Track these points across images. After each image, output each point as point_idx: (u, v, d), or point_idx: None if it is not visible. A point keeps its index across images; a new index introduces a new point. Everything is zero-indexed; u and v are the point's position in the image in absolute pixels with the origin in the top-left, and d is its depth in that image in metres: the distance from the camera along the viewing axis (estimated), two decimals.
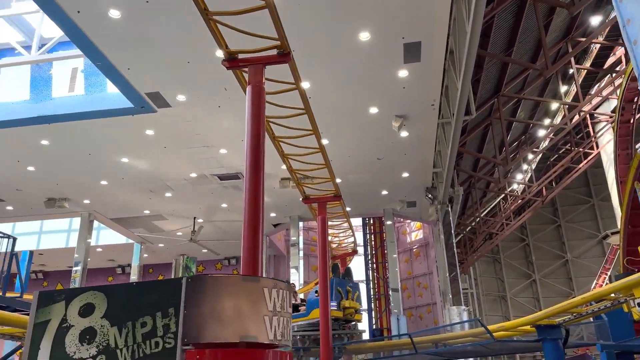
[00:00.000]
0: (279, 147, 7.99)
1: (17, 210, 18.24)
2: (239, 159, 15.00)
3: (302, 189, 10.09)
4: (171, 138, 13.73)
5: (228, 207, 19.00)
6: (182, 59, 10.46)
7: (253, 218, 4.53)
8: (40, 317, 2.67)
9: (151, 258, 25.20)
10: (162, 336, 2.60)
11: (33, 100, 12.90)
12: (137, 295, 2.72)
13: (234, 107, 12.11)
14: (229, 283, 2.72)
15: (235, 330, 2.64)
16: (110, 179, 16.07)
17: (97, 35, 9.69)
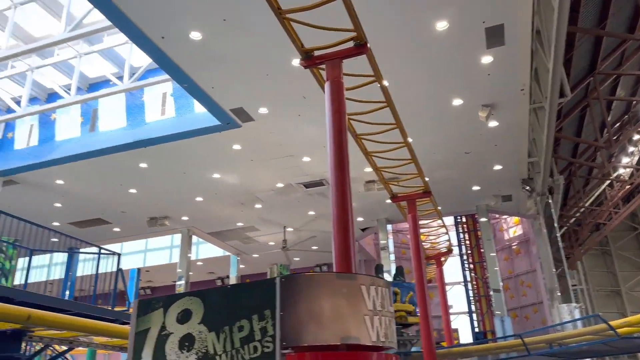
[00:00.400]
0: (361, 145, 7.80)
1: (124, 231, 19.67)
2: (322, 166, 15.04)
3: (389, 188, 9.80)
4: (257, 151, 14.08)
5: (315, 214, 19.12)
6: (260, 72, 10.68)
7: (342, 216, 4.38)
8: (141, 325, 2.69)
9: (247, 269, 26.03)
10: (260, 340, 2.50)
11: (130, 126, 13.85)
12: (232, 298, 2.66)
13: (313, 114, 12.16)
14: (324, 281, 2.57)
15: (336, 331, 2.48)
16: (205, 194, 16.80)
17: (181, 58, 10.16)
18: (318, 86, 10.89)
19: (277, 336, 2.47)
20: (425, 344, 8.87)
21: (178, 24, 9.15)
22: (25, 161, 14.49)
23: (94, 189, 15.95)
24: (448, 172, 15.58)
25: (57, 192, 16.08)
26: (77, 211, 17.54)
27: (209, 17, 8.99)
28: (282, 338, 2.46)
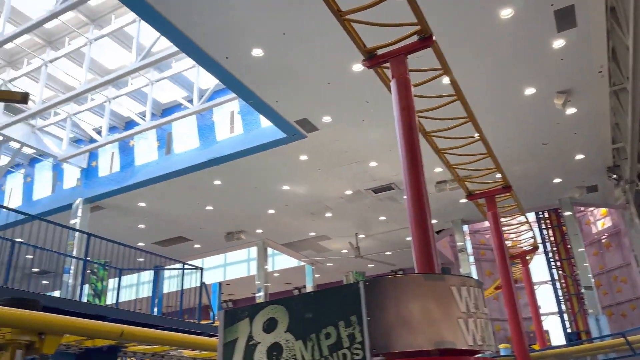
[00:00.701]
0: (432, 143, 7.56)
1: (203, 247, 20.44)
2: (390, 170, 14.83)
3: (464, 186, 9.41)
4: (323, 159, 14.13)
5: (386, 219, 18.86)
6: (322, 81, 10.73)
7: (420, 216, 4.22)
8: (228, 336, 2.70)
9: (323, 278, 26.14)
10: (348, 347, 2.42)
11: (202, 146, 14.41)
12: (315, 305, 2.60)
13: (377, 118, 12.03)
14: (411, 283, 2.45)
15: (428, 336, 2.34)
16: (276, 207, 17.09)
17: (245, 76, 10.44)
18: (380, 89, 10.75)
19: (366, 343, 2.37)
20: (518, 347, 8.38)
21: (240, 43, 9.41)
22: (109, 187, 15.48)
23: (173, 208, 16.72)
24: (526, 166, 14.80)
25: (140, 214, 17.02)
26: (160, 231, 18.46)
27: (268, 32, 9.18)
28: (372, 345, 2.36)
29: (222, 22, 8.86)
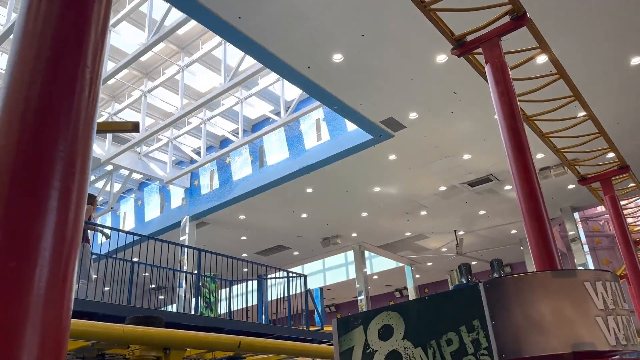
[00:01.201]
0: (535, 127, 7.05)
1: (302, 254, 20.88)
2: (486, 161, 14.14)
3: (575, 170, 8.68)
4: (413, 157, 13.83)
5: (487, 213, 18.00)
6: (405, 78, 10.52)
7: (533, 206, 3.92)
8: (344, 345, 2.67)
9: (423, 278, 25.56)
10: (473, 354, 2.28)
11: (292, 156, 14.76)
12: (432, 310, 2.49)
13: (467, 108, 11.55)
14: (537, 282, 2.25)
15: (563, 338, 2.13)
16: (369, 209, 17.02)
17: (328, 83, 10.53)
18: (467, 78, 10.34)
19: (493, 348, 2.21)
20: None
21: (320, 51, 9.52)
22: (211, 203, 16.37)
23: (270, 219, 17.28)
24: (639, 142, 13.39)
25: (241, 227, 17.79)
26: (260, 241, 19.16)
27: (346, 36, 9.18)
28: (500, 350, 2.19)
29: (301, 34, 9.01)
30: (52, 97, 1.45)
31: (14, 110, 1.42)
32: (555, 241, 3.82)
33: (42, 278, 1.26)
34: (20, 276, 1.25)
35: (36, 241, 1.29)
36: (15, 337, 1.19)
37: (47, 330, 1.24)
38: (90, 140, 1.50)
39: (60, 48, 1.50)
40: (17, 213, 1.31)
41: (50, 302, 1.27)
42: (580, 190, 15.50)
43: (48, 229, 1.31)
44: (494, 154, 13.69)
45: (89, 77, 1.51)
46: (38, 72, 1.46)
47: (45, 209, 1.32)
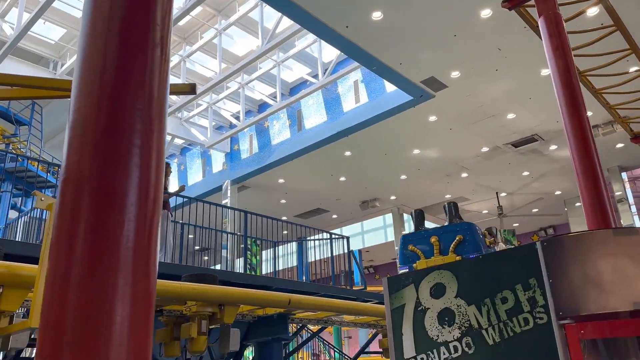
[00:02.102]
0: (588, 83, 6.73)
1: (340, 217, 21.06)
2: (531, 120, 13.68)
3: (627, 127, 8.29)
4: (454, 118, 13.53)
5: (530, 174, 17.55)
6: (447, 35, 10.18)
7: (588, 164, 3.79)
8: (395, 302, 2.72)
9: None
10: (529, 311, 2.28)
11: (330, 119, 14.69)
12: (486, 268, 2.49)
13: (512, 65, 11.13)
14: (598, 240, 2.20)
15: (624, 296, 2.10)
16: (408, 172, 16.88)
17: (366, 42, 10.31)
18: (512, 34, 9.95)
19: (550, 306, 2.21)
20: None
21: (358, 9, 9.28)
22: (251, 167, 16.61)
23: (309, 182, 17.42)
24: None
25: (280, 190, 18.04)
26: (299, 204, 19.41)
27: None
28: (557, 308, 2.18)
29: None
30: (127, 57, 1.49)
31: (92, 73, 1.47)
32: (609, 198, 3.70)
33: (130, 233, 1.33)
34: (110, 231, 1.33)
35: (122, 198, 1.35)
36: (109, 288, 1.28)
37: (137, 282, 1.32)
38: (165, 100, 1.54)
39: (132, 8, 1.53)
40: (102, 173, 1.37)
41: (138, 256, 1.34)
42: (628, 149, 14.85)
43: (132, 187, 1.37)
44: (539, 113, 13.24)
45: (159, 36, 1.54)
46: (112, 34, 1.50)
47: (129, 167, 1.38)
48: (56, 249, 1.35)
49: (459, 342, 2.43)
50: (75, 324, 1.25)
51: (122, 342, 1.23)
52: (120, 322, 1.25)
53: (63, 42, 15.24)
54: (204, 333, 3.69)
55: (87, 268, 1.29)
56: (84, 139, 1.43)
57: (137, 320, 1.28)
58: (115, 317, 1.25)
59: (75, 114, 1.48)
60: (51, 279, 1.32)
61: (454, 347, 2.44)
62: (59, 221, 1.37)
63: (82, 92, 1.48)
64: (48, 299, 1.31)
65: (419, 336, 2.57)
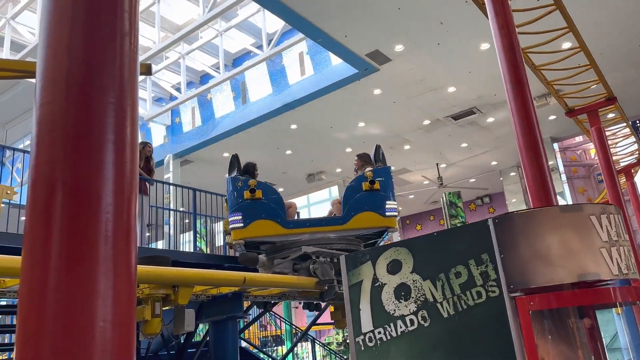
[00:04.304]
0: (528, 60, 7.00)
1: (287, 190, 21.03)
2: (470, 93, 14.11)
3: (563, 102, 8.75)
4: (398, 91, 13.71)
5: (468, 145, 18.23)
6: (392, 8, 10.20)
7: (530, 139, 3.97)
8: (352, 279, 2.77)
9: (405, 210, 26.15)
10: (482, 285, 2.39)
11: (275, 92, 14.48)
12: (440, 245, 2.58)
13: (453, 39, 11.35)
14: (546, 217, 2.33)
15: (570, 269, 2.24)
16: (353, 145, 17.02)
17: (311, 13, 10.15)
18: (454, 9, 10.12)
19: (502, 280, 2.32)
20: None
21: None
22: (194, 141, 16.15)
23: (255, 156, 17.08)
24: (624, 73, 13.45)
25: (225, 164, 17.66)
26: None
27: None
28: (508, 281, 2.30)
29: None
30: (95, 48, 1.38)
31: (58, 65, 1.34)
32: (550, 174, 3.91)
33: (109, 229, 1.25)
34: (88, 229, 1.24)
35: (98, 199, 1.27)
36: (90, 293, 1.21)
37: (118, 275, 1.25)
38: (136, 91, 1.44)
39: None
40: (76, 172, 1.28)
41: (118, 258, 1.27)
42: (559, 121, 15.71)
43: (108, 185, 1.29)
44: (478, 86, 13.67)
45: (128, 23, 1.42)
46: (77, 23, 1.37)
47: (103, 165, 1.30)
48: (30, 259, 1.26)
49: (415, 316, 2.52)
50: (56, 333, 1.18)
51: (105, 347, 1.17)
52: (103, 327, 1.19)
53: None
54: (157, 315, 3.61)
55: (65, 275, 1.21)
56: (53, 136, 1.32)
57: (120, 323, 1.23)
58: (97, 322, 1.18)
59: (41, 109, 1.36)
60: (26, 290, 1.23)
61: (410, 321, 2.53)
62: (31, 227, 1.28)
63: (48, 85, 1.36)
64: (24, 309, 1.23)
65: (377, 311, 2.65)
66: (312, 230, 6.87)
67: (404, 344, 2.48)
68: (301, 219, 7.48)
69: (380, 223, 6.98)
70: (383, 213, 6.97)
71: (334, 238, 6.79)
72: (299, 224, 7.07)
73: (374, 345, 2.56)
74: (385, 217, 6.96)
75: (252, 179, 7.58)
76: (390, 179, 7.55)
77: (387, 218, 6.99)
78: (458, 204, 19.98)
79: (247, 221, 6.91)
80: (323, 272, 5.93)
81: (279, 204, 7.16)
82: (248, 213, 6.99)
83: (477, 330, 2.35)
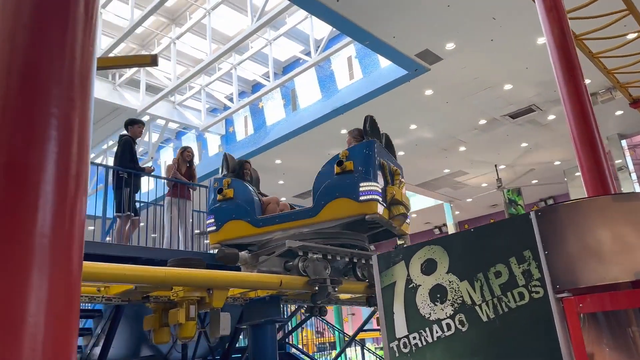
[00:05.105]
0: (584, 48, 6.52)
1: None
2: (529, 90, 13.46)
3: (626, 92, 8.11)
4: (450, 91, 13.31)
5: (529, 145, 17.39)
6: (440, 6, 9.92)
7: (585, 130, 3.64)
8: (385, 280, 2.61)
9: (463, 214, 25.34)
10: (525, 285, 2.16)
11: (325, 97, 14.47)
12: (478, 242, 2.37)
13: (508, 34, 10.87)
14: (596, 208, 2.07)
15: (626, 266, 1.98)
16: (405, 148, 16.70)
17: (357, 16, 10.05)
18: (507, 1, 9.68)
19: (547, 279, 2.09)
20: None
21: None
22: (247, 149, 16.43)
23: (306, 162, 17.23)
24: None
25: (278, 171, 17.88)
26: (298, 184, 19.24)
27: None
28: (554, 281, 2.06)
29: None
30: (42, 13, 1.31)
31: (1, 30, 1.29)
32: (609, 166, 3.57)
33: (46, 219, 1.17)
34: (22, 217, 1.16)
35: (37, 175, 1.19)
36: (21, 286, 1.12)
37: (56, 272, 1.16)
38: (91, 63, 1.37)
39: None
40: (13, 146, 1.21)
41: (56, 247, 1.18)
42: (628, 116, 14.65)
43: (49, 163, 1.20)
44: (536, 83, 13.02)
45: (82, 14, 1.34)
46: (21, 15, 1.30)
47: (44, 139, 1.21)
48: None
49: (452, 320, 2.33)
50: None
51: (36, 347, 1.08)
52: (34, 325, 1.09)
53: None
54: (192, 318, 3.60)
55: None
56: None
57: (55, 325, 1.13)
58: (26, 321, 1.09)
59: None
60: None
61: (446, 325, 2.34)
62: None
63: None
64: None
65: (411, 314, 2.47)
66: (284, 226, 6.08)
67: (440, 350, 2.29)
68: (270, 215, 6.42)
69: (354, 210, 5.80)
70: (356, 198, 5.78)
71: (307, 233, 5.92)
72: (268, 221, 6.27)
73: (409, 352, 2.38)
74: (360, 202, 5.74)
75: (240, 178, 6.89)
76: (371, 155, 6.23)
77: (362, 203, 5.75)
78: (518, 202, 18.98)
79: (219, 223, 6.43)
80: (315, 271, 5.28)
81: (249, 201, 6.47)
82: (220, 215, 6.48)
83: (519, 335, 2.12)
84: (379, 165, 6.22)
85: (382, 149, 6.81)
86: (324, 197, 6.09)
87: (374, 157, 6.20)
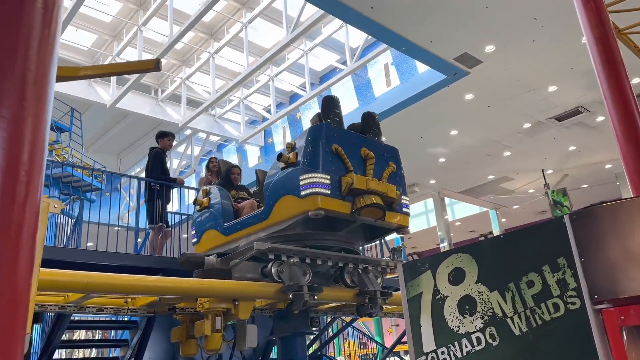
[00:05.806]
0: (629, 42, 6.14)
1: None
2: (575, 91, 12.89)
3: None
4: (492, 94, 12.92)
5: (577, 148, 16.63)
6: (479, 7, 9.66)
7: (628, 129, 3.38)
8: (411, 291, 2.48)
9: (510, 221, 24.49)
10: (560, 296, 1.98)
11: (362, 105, 14.38)
12: (508, 249, 2.21)
13: (550, 34, 10.46)
14: (637, 209, 1.89)
15: None
16: (447, 155, 16.34)
17: (393, 22, 9.93)
18: (548, 1, 9.33)
19: (584, 289, 1.91)
20: None
21: None
22: None
23: None
24: None
25: None
26: None
27: None
28: (592, 291, 1.88)
29: None
30: None
31: None
32: None
33: None
34: None
35: None
36: None
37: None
38: (51, 61, 1.32)
39: None
40: None
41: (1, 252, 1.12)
42: None
43: None
44: (583, 83, 12.45)
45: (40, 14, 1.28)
46: None
47: None
48: None
49: (482, 333, 2.18)
50: None
51: None
52: None
53: (95, 47, 15.57)
54: (218, 330, 3.55)
55: None
56: None
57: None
58: None
59: None
60: None
61: (476, 339, 2.19)
62: None
63: None
64: None
65: (439, 328, 2.33)
66: (244, 232, 5.55)
67: None
68: (233, 221, 5.88)
69: (298, 208, 5.01)
70: (298, 193, 4.99)
71: (264, 237, 5.23)
72: (232, 228, 5.77)
73: None
74: (301, 197, 4.94)
75: (228, 184, 6.55)
76: (317, 142, 5.27)
77: (303, 199, 4.93)
78: (564, 203, 18.08)
79: (199, 234, 6.07)
80: (291, 276, 4.63)
81: (219, 209, 6.00)
82: (199, 226, 6.13)
83: (554, 351, 1.94)
84: (330, 151, 5.25)
85: (343, 132, 5.83)
86: (272, 196, 5.36)
87: (318, 144, 5.24)
